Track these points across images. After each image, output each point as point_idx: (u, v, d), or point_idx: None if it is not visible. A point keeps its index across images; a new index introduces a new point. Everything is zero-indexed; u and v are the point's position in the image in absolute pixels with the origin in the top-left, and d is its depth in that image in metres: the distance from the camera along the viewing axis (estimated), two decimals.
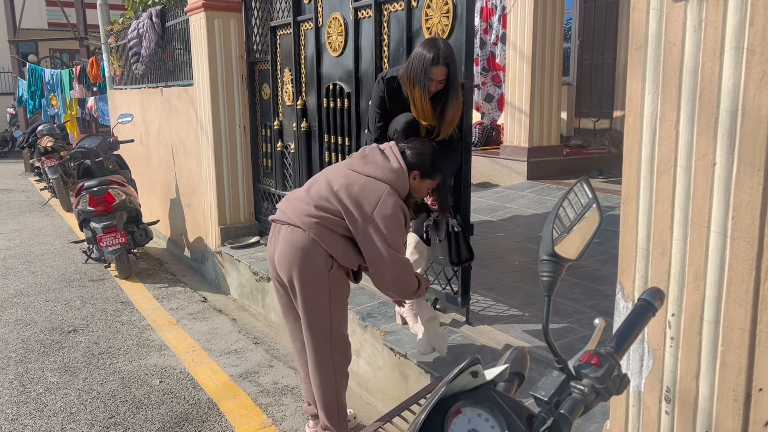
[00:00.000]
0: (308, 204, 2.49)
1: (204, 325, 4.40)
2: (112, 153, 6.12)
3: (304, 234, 2.46)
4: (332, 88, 4.18)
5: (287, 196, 2.64)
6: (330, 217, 2.46)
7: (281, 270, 2.54)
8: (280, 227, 2.55)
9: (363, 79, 3.88)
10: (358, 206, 2.46)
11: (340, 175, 2.56)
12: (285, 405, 3.21)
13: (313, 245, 2.46)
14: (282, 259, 2.51)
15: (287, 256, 2.49)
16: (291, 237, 2.48)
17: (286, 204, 2.58)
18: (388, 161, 2.57)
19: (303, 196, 2.55)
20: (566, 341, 2.97)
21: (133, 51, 6.69)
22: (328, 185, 2.52)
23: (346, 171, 2.57)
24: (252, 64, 5.23)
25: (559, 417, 1.02)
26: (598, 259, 4.32)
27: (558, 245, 1.11)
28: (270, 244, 2.61)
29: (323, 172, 2.67)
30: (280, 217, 2.56)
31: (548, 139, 6.89)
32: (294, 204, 2.54)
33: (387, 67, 3.64)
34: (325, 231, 2.46)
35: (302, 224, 2.46)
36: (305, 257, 2.46)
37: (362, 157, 2.59)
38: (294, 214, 2.50)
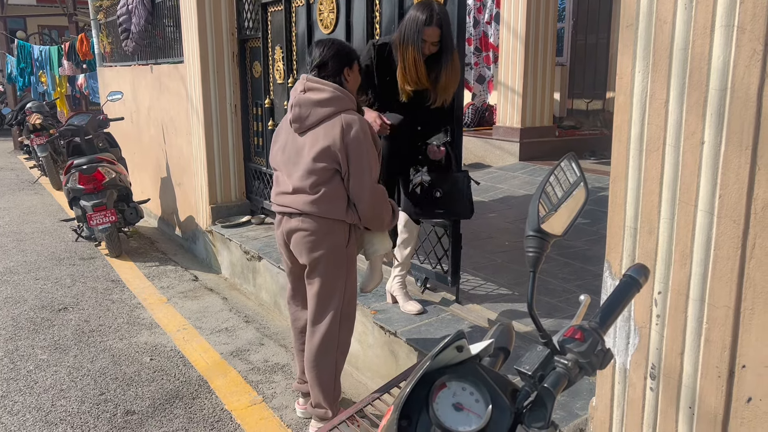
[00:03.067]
0: (303, 191, 2.48)
1: (195, 303, 4.40)
2: (102, 131, 6.06)
3: (319, 219, 2.47)
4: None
5: (277, 191, 2.59)
6: (328, 188, 2.46)
7: (301, 255, 2.55)
8: (289, 217, 2.54)
9: None
10: (330, 156, 2.42)
11: (299, 149, 2.50)
12: (275, 382, 3.23)
13: (330, 225, 2.48)
14: (300, 245, 2.52)
15: (307, 242, 2.50)
16: (307, 225, 2.48)
17: (283, 199, 2.55)
18: (322, 93, 2.47)
19: (294, 185, 2.50)
20: (554, 320, 2.99)
21: (123, 27, 6.60)
22: (299, 165, 2.49)
23: (298, 141, 2.51)
24: (243, 41, 5.18)
25: (543, 391, 1.03)
26: (588, 240, 4.34)
27: (544, 222, 1.11)
28: (280, 231, 2.61)
29: (280, 157, 2.58)
30: (286, 210, 2.54)
31: (541, 120, 6.87)
32: (290, 197, 2.52)
33: None
34: (332, 200, 2.46)
35: (313, 210, 2.46)
36: (327, 238, 2.49)
37: (299, 118, 2.48)
38: (299, 204, 2.48)
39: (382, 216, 2.57)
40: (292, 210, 2.51)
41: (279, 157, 2.60)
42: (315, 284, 2.57)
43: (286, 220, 2.55)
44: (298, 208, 2.49)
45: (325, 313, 2.59)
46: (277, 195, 2.58)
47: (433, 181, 2.95)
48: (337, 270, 2.56)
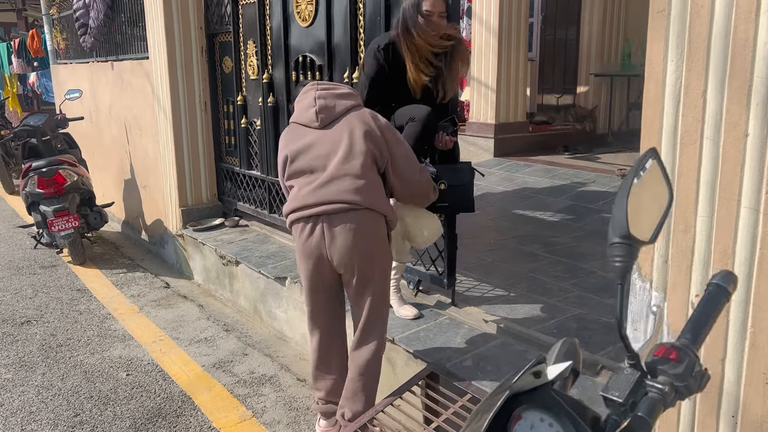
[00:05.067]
0: (345, 176, 2.27)
1: (169, 312, 4.17)
2: (61, 131, 5.74)
3: (367, 212, 2.28)
4: (302, 60, 3.97)
5: (307, 191, 2.31)
6: (372, 176, 2.31)
7: (348, 260, 2.30)
8: (328, 218, 2.29)
9: (336, 51, 3.68)
10: (373, 139, 2.31)
11: (334, 140, 2.33)
12: (264, 395, 3.05)
13: (375, 219, 2.30)
14: (347, 247, 2.27)
15: (359, 241, 2.27)
16: (356, 220, 2.27)
17: (319, 194, 2.29)
18: (340, 88, 2.45)
19: (333, 173, 2.29)
20: (557, 321, 2.88)
21: (80, 22, 6.27)
22: (337, 154, 2.30)
23: (329, 134, 2.35)
24: (211, 36, 4.94)
25: (637, 421, 0.90)
26: (574, 236, 4.27)
27: (632, 227, 0.97)
28: (313, 239, 2.32)
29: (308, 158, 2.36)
30: (325, 208, 2.27)
31: (515, 116, 6.81)
32: (329, 188, 2.29)
33: (363, 37, 3.45)
34: (376, 190, 2.30)
35: (360, 200, 2.25)
36: (377, 235, 2.32)
37: (325, 108, 2.35)
38: (343, 193, 2.25)
39: (430, 192, 2.53)
40: (333, 205, 2.24)
41: (306, 158, 2.33)
42: (366, 291, 2.35)
43: (325, 222, 2.26)
44: (343, 198, 2.23)
45: (379, 321, 2.41)
46: (308, 194, 2.28)
47: (438, 173, 2.81)
48: (388, 271, 2.43)
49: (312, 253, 2.33)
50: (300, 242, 2.34)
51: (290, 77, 4.11)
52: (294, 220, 2.35)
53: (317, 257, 2.33)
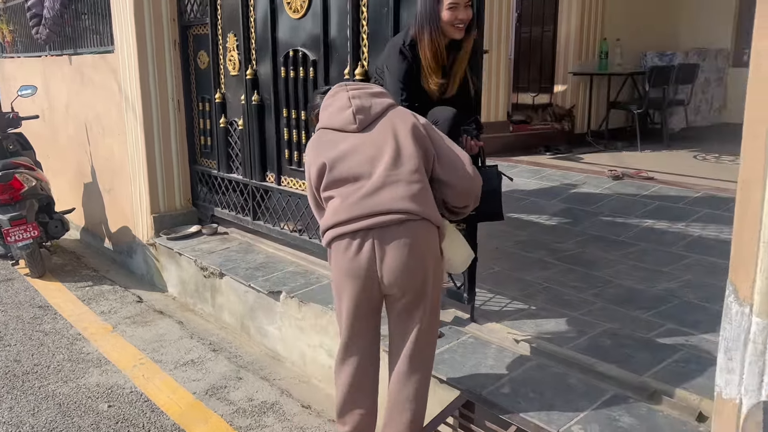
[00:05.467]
0: (396, 182, 2.00)
1: (147, 330, 3.79)
2: (12, 131, 5.25)
3: (423, 224, 2.01)
4: (292, 55, 3.66)
5: (352, 200, 2.02)
6: (425, 181, 2.06)
7: (402, 279, 2.01)
8: (381, 231, 1.99)
9: (334, 45, 3.39)
10: (420, 137, 2.08)
11: (377, 142, 2.07)
12: (268, 426, 2.74)
13: (431, 231, 2.04)
14: (403, 265, 1.99)
15: (416, 257, 2.00)
16: (413, 232, 1.99)
17: (367, 203, 2.01)
18: (373, 87, 2.23)
19: (381, 179, 2.02)
20: (589, 338, 2.67)
21: (32, 13, 5.77)
22: (383, 156, 2.04)
23: (371, 136, 2.10)
24: (185, 28, 4.57)
25: None
26: (577, 241, 4.09)
27: None
28: (363, 256, 2.02)
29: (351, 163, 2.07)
30: (375, 220, 1.98)
31: (496, 115, 6.64)
32: (380, 196, 2.01)
33: (366, 31, 3.17)
34: (429, 199, 2.04)
35: (416, 209, 1.98)
36: (433, 250, 2.06)
37: (362, 108, 2.11)
38: (397, 201, 1.98)
39: (478, 197, 2.24)
40: (385, 216, 1.95)
41: (347, 165, 2.05)
42: (417, 313, 2.06)
43: (376, 236, 1.98)
44: (397, 208, 1.95)
45: (428, 349, 2.12)
46: (354, 205, 1.99)
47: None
48: (440, 290, 2.16)
49: (360, 274, 2.03)
50: (344, 261, 2.04)
51: (278, 73, 3.79)
52: (336, 236, 2.04)
53: (366, 278, 2.03)
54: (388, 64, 2.59)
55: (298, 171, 3.80)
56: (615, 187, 5.01)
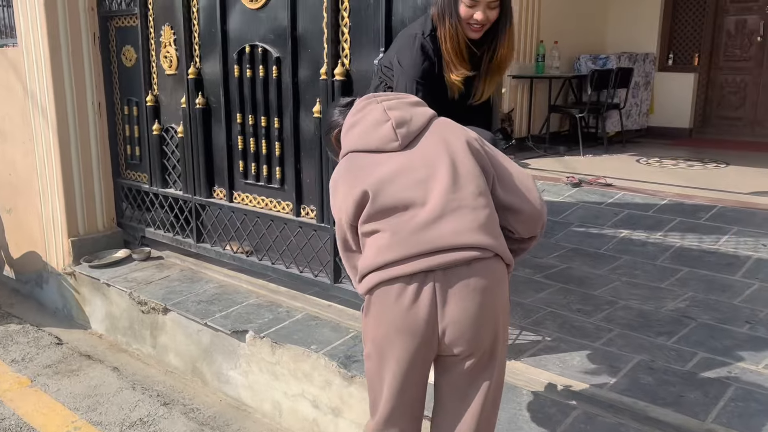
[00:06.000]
0: (459, 209, 1.58)
1: (76, 382, 3.13)
2: None
3: (495, 262, 1.59)
4: (249, 51, 3.13)
5: (407, 233, 1.58)
6: (492, 206, 1.64)
7: (468, 340, 1.58)
8: (432, 277, 1.55)
9: (305, 40, 2.90)
10: (476, 152, 1.67)
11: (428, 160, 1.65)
12: None
13: (503, 271, 1.62)
14: (470, 321, 1.56)
15: (481, 311, 1.57)
16: (484, 272, 1.57)
17: (427, 236, 1.57)
18: (408, 97, 1.80)
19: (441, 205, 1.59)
20: (626, 374, 2.35)
21: None
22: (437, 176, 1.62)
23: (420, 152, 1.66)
24: (106, 19, 3.90)
25: None
26: (557, 255, 3.81)
27: None
28: (418, 309, 1.56)
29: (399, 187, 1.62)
30: (438, 258, 1.55)
31: None
32: (436, 230, 1.57)
33: (348, 23, 2.72)
34: (497, 228, 1.63)
35: (488, 243, 1.57)
36: (504, 294, 1.63)
37: (403, 121, 1.68)
38: (465, 235, 1.56)
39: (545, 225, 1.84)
40: (451, 254, 1.53)
41: (393, 190, 1.61)
42: (484, 377, 1.63)
43: (438, 280, 1.54)
44: (464, 242, 1.54)
45: (492, 417, 1.69)
46: (407, 239, 1.56)
47: None
48: (507, 345, 1.74)
49: (417, 329, 1.57)
50: (395, 313, 1.57)
51: (230, 73, 3.25)
52: (384, 281, 1.58)
53: (424, 335, 1.57)
54: (402, 58, 2.15)
55: (256, 186, 3.28)
56: (576, 194, 4.81)
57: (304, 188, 3.06)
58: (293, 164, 3.05)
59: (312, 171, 2.98)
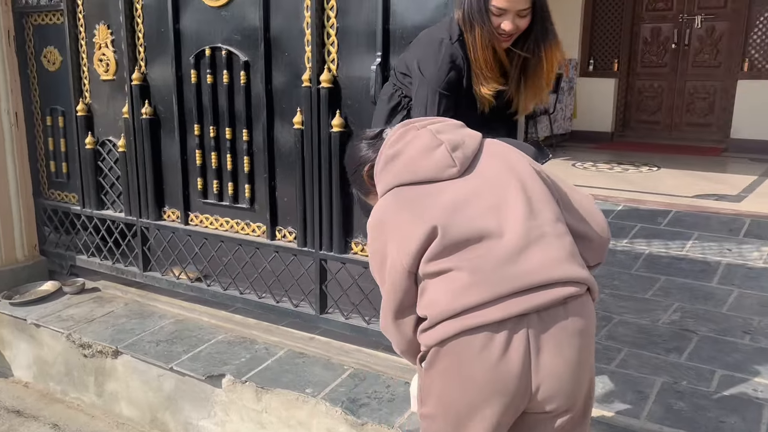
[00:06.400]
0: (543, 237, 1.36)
1: None
2: None
3: (585, 298, 1.37)
4: (210, 54, 2.76)
5: (486, 274, 1.32)
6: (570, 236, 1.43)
7: (565, 394, 1.34)
8: (525, 322, 1.30)
9: (280, 42, 2.58)
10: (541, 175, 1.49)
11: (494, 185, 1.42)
12: None
13: (593, 308, 1.40)
14: (569, 373, 1.33)
15: (580, 358, 1.34)
16: (583, 312, 1.35)
17: (507, 275, 1.32)
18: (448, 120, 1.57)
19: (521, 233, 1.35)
20: (655, 401, 2.21)
21: None
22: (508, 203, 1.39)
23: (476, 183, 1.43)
24: (21, 15, 3.36)
25: None
26: None
27: None
28: (509, 363, 1.30)
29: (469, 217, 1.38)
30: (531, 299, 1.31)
31: None
32: (523, 264, 1.33)
33: (335, 24, 2.42)
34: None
35: (583, 276, 1.35)
36: (593, 339, 1.40)
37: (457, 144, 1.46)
38: (556, 267, 1.33)
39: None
40: (547, 291, 1.31)
41: (463, 220, 1.36)
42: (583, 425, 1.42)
43: (532, 326, 1.30)
44: (559, 276, 1.32)
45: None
46: (489, 277, 1.31)
47: None
48: None
49: (507, 387, 1.31)
50: (480, 368, 1.30)
51: (185, 78, 2.86)
52: (465, 330, 1.32)
53: (515, 394, 1.31)
54: (424, 66, 1.89)
55: (218, 206, 2.90)
56: None
57: (280, 208, 2.73)
58: (266, 181, 2.71)
59: (291, 189, 2.66)
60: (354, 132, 2.45)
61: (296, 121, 2.56)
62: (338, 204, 2.52)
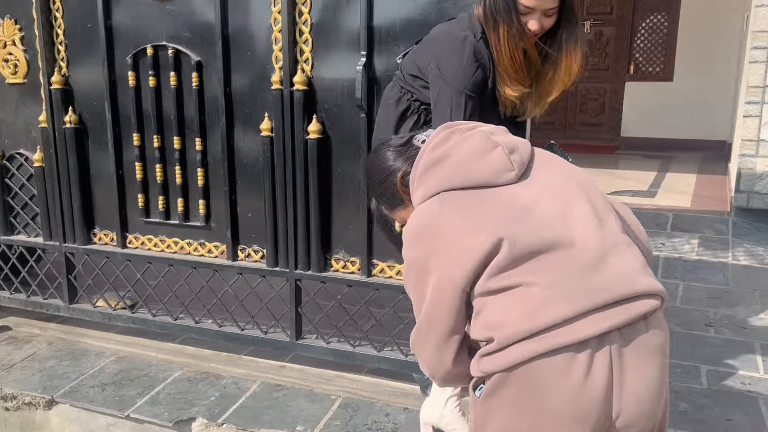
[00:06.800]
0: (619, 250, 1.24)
1: None
2: None
3: (661, 310, 1.24)
4: (153, 54, 2.43)
5: (566, 284, 1.18)
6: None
7: (648, 416, 1.20)
8: (609, 339, 1.16)
9: (240, 40, 2.32)
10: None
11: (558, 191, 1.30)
12: None
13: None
14: (654, 392, 1.20)
15: (663, 376, 1.23)
16: (657, 332, 1.22)
17: (586, 287, 1.17)
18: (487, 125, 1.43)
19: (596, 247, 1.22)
20: None
21: None
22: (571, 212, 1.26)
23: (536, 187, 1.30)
24: None
25: None
26: None
27: None
28: (593, 385, 1.15)
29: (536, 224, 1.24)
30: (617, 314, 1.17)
31: None
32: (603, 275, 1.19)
33: (309, 19, 2.20)
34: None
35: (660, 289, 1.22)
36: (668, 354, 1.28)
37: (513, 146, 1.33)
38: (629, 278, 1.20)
39: None
40: (630, 304, 1.18)
41: (530, 228, 1.22)
42: None
43: (615, 342, 1.17)
44: (643, 288, 1.20)
45: None
46: (572, 286, 1.18)
47: None
48: None
49: (589, 415, 1.15)
50: (561, 394, 1.15)
51: (120, 81, 2.51)
52: (546, 352, 1.17)
53: (597, 421, 1.16)
54: (445, 65, 1.72)
55: (165, 225, 2.57)
56: None
57: (243, 225, 2.45)
58: (226, 195, 2.42)
59: (256, 203, 2.39)
60: (332, 137, 2.24)
61: (264, 128, 2.30)
62: (316, 217, 2.29)
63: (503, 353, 1.19)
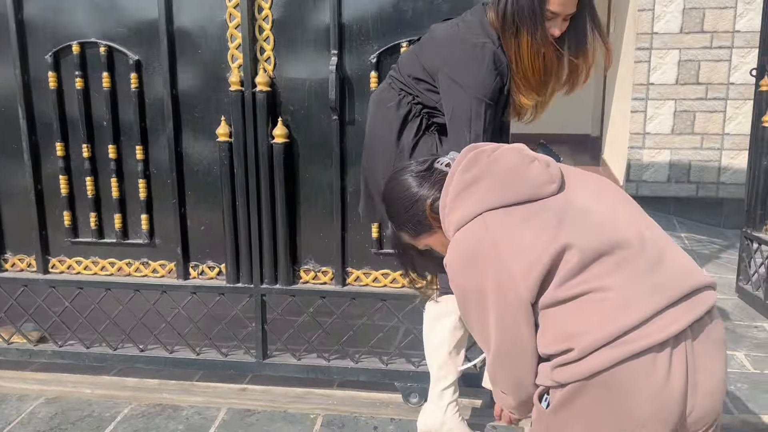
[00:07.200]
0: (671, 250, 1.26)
1: None
2: None
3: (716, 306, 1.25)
4: (79, 52, 2.15)
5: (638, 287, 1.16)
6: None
7: (713, 413, 1.21)
8: (684, 335, 1.17)
9: (188, 37, 2.14)
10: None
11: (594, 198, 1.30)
12: None
13: None
14: (720, 386, 1.23)
15: (725, 369, 1.25)
16: (718, 324, 1.25)
17: (654, 285, 1.17)
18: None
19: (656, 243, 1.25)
20: None
21: None
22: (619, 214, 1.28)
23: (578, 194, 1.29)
24: None
25: None
26: None
27: None
28: (672, 385, 1.14)
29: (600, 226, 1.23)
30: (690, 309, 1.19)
31: None
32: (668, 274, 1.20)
33: (270, 14, 2.06)
34: None
35: (712, 282, 1.26)
36: None
37: (548, 162, 1.33)
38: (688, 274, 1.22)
39: None
40: (698, 296, 1.21)
41: (590, 230, 1.22)
42: None
43: (689, 338, 1.17)
44: (705, 279, 1.24)
45: None
46: (644, 284, 1.18)
47: None
48: None
49: (670, 415, 1.15)
50: (644, 396, 1.13)
51: (35, 83, 2.20)
52: (631, 356, 1.16)
53: (676, 421, 1.17)
54: (462, 72, 1.64)
55: (98, 245, 2.29)
56: None
57: (195, 240, 2.24)
58: (174, 208, 2.19)
59: (211, 215, 2.19)
60: (298, 141, 2.11)
61: (221, 133, 2.11)
62: (283, 227, 2.14)
63: (583, 362, 1.16)
